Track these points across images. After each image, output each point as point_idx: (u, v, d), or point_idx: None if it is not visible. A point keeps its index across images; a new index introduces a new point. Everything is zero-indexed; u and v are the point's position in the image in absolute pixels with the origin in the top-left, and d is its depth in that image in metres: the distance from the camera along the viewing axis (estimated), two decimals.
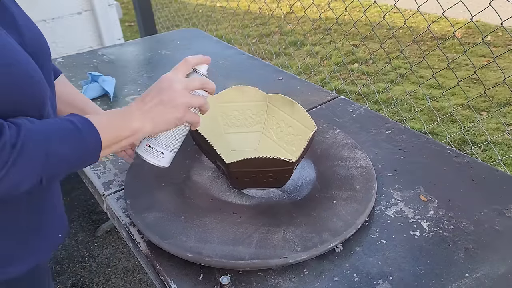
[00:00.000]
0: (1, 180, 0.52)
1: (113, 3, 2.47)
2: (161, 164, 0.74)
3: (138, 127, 0.65)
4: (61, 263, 1.80)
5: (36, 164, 0.55)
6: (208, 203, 0.86)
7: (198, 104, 0.70)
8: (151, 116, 0.66)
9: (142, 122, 0.65)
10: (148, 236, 0.78)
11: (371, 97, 2.92)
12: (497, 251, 0.76)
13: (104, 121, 0.62)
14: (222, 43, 1.85)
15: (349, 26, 4.14)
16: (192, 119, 0.71)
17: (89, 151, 0.60)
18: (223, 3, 5.22)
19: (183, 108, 0.68)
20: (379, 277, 0.72)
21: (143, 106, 0.66)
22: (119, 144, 0.64)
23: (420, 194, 0.90)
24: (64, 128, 0.58)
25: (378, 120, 1.19)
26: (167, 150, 0.73)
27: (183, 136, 0.74)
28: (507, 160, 2.22)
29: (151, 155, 0.73)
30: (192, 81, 0.71)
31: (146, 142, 0.73)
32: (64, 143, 0.57)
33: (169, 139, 0.72)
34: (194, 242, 0.75)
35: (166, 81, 0.69)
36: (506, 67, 3.18)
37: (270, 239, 0.75)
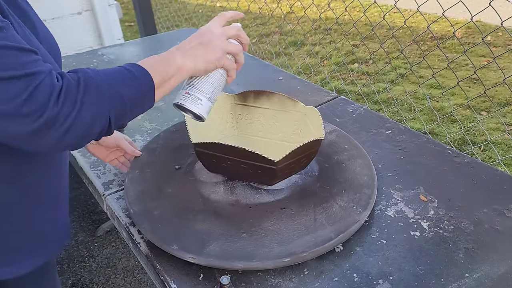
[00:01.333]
0: (74, 123, 0.55)
1: (113, 3, 2.47)
2: (199, 111, 0.73)
3: (181, 63, 0.67)
4: (61, 263, 1.80)
5: (103, 100, 0.58)
6: (208, 203, 0.86)
7: (235, 50, 0.73)
8: (192, 53, 0.69)
9: (184, 59, 0.68)
10: (150, 238, 0.78)
11: (371, 97, 2.91)
12: (497, 251, 0.76)
13: (150, 63, 0.65)
14: None
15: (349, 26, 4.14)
16: (230, 64, 0.73)
17: (145, 90, 0.63)
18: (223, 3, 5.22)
19: (222, 51, 0.71)
20: (379, 277, 0.72)
21: (183, 47, 0.69)
22: (169, 83, 0.67)
23: (420, 194, 0.90)
24: (118, 71, 0.62)
25: (378, 120, 1.19)
26: (205, 97, 0.73)
27: (220, 85, 0.75)
28: (507, 160, 2.22)
29: (190, 101, 0.73)
30: (229, 28, 0.74)
31: (184, 90, 0.74)
32: (122, 83, 0.60)
33: (207, 86, 0.73)
34: (194, 242, 0.75)
35: (205, 28, 0.72)
36: (506, 67, 3.18)
37: (269, 240, 0.75)
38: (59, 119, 0.54)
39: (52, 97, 0.54)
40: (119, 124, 0.63)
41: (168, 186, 0.91)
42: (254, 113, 1.03)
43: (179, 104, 0.74)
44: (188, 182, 0.92)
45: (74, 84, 0.56)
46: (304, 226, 0.78)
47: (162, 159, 0.99)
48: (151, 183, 0.91)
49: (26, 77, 0.53)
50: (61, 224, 0.82)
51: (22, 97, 0.52)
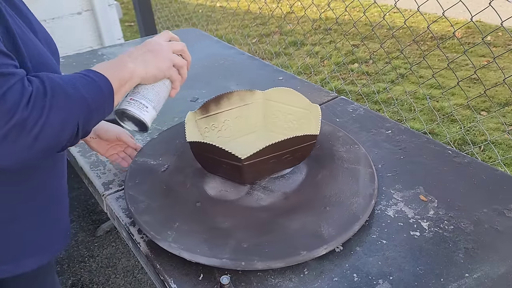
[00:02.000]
0: (43, 128, 0.54)
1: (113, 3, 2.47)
2: (145, 118, 0.73)
3: (132, 68, 0.68)
4: (61, 263, 1.80)
5: (71, 105, 0.58)
6: (208, 204, 0.86)
7: (180, 63, 0.75)
8: (143, 60, 0.70)
9: (135, 64, 0.69)
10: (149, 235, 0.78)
11: (371, 97, 2.91)
12: (497, 251, 0.76)
13: (105, 68, 0.65)
14: (222, 43, 1.85)
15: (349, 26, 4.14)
16: (176, 76, 0.76)
17: (106, 95, 0.63)
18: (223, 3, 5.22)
19: (169, 61, 0.73)
20: (379, 277, 0.72)
21: (132, 55, 0.70)
22: (125, 88, 0.68)
23: (420, 194, 0.90)
24: (79, 77, 0.62)
25: (378, 120, 1.19)
26: (151, 105, 0.74)
27: (164, 96, 0.77)
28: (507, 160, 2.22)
29: (136, 107, 0.72)
30: (176, 43, 0.76)
31: (129, 97, 0.73)
32: (85, 88, 0.60)
33: (153, 94, 0.74)
34: (194, 242, 0.75)
35: (152, 40, 0.74)
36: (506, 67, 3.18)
37: (268, 240, 0.75)
38: (29, 123, 0.53)
39: (23, 101, 0.53)
40: (85, 131, 0.62)
41: (168, 185, 0.91)
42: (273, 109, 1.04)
43: (124, 110, 0.72)
44: (189, 181, 0.92)
45: (42, 89, 0.55)
46: (303, 226, 0.78)
47: (163, 159, 0.99)
48: (151, 183, 0.91)
49: (1, 77, 0.52)
50: (64, 224, 0.82)
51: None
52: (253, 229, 0.79)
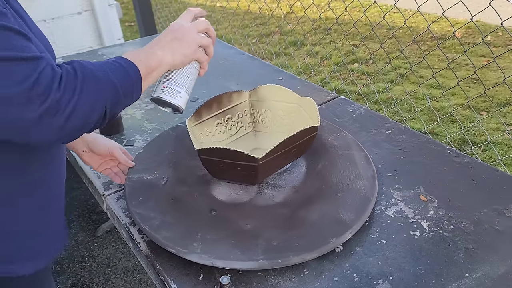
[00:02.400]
0: (75, 109, 0.56)
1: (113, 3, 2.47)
2: (179, 103, 0.77)
3: (161, 56, 0.70)
4: (61, 263, 1.80)
5: (100, 88, 0.60)
6: (223, 210, 0.86)
7: (207, 43, 0.77)
8: (169, 48, 0.72)
9: (163, 52, 0.71)
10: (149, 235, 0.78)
11: (371, 97, 2.91)
12: (497, 251, 0.76)
13: (135, 56, 0.67)
14: (222, 43, 1.85)
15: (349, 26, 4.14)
16: (203, 57, 0.78)
17: (134, 81, 0.65)
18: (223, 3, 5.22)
19: (195, 44, 0.75)
20: (379, 277, 0.72)
21: (159, 43, 0.72)
22: (152, 76, 0.70)
23: (420, 194, 0.90)
24: (108, 63, 0.64)
25: (378, 120, 1.19)
26: (183, 89, 0.77)
27: (194, 77, 0.79)
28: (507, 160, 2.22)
29: (169, 94, 0.76)
30: (199, 23, 0.78)
31: (162, 84, 0.76)
32: (114, 73, 0.62)
33: (184, 79, 0.77)
34: (194, 242, 0.75)
35: (176, 24, 0.75)
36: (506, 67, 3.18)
37: (267, 240, 0.75)
38: (62, 104, 0.55)
39: (54, 83, 0.55)
40: (113, 114, 0.64)
41: (175, 198, 0.91)
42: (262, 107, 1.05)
43: (159, 97, 0.76)
44: (195, 190, 0.92)
45: (72, 72, 0.58)
46: (323, 215, 0.79)
47: (158, 172, 0.99)
48: (157, 198, 0.91)
49: (33, 60, 0.54)
50: (61, 226, 0.82)
51: (31, 79, 0.53)
52: (277, 226, 0.79)
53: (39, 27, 0.73)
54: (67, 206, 2.10)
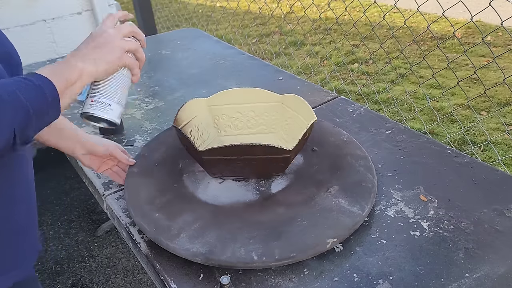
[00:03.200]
0: None
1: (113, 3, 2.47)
2: (111, 117, 0.71)
3: (81, 67, 0.64)
4: (61, 263, 1.80)
5: (4, 111, 0.53)
6: (207, 203, 0.86)
7: (133, 47, 0.72)
8: (91, 57, 0.66)
9: (83, 62, 0.65)
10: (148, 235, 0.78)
11: (371, 97, 2.91)
12: (497, 251, 0.76)
13: (51, 70, 0.61)
14: (222, 43, 1.85)
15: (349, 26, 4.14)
16: (132, 62, 0.72)
17: (49, 99, 0.59)
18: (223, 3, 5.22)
19: (119, 49, 0.69)
20: (379, 277, 0.72)
21: (79, 53, 0.66)
22: (73, 90, 0.63)
23: (420, 194, 0.90)
24: (19, 81, 0.57)
25: (378, 120, 1.19)
26: (113, 101, 0.71)
27: (125, 86, 0.73)
28: (507, 160, 2.22)
29: (98, 108, 0.70)
30: (122, 26, 0.72)
31: (90, 99, 0.71)
32: (26, 93, 0.56)
33: (112, 89, 0.71)
34: (192, 241, 0.75)
35: (97, 30, 0.70)
36: (506, 67, 3.18)
37: (266, 240, 0.75)
38: None
39: None
40: (26, 137, 0.58)
41: (168, 185, 0.91)
42: (231, 111, 1.03)
43: (87, 113, 0.70)
44: (189, 181, 0.92)
45: None
46: (303, 226, 0.78)
47: (163, 159, 0.99)
48: (152, 183, 0.91)
49: None
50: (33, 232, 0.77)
51: None
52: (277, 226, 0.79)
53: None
54: (67, 206, 2.10)
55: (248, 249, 0.73)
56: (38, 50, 2.25)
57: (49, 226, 1.99)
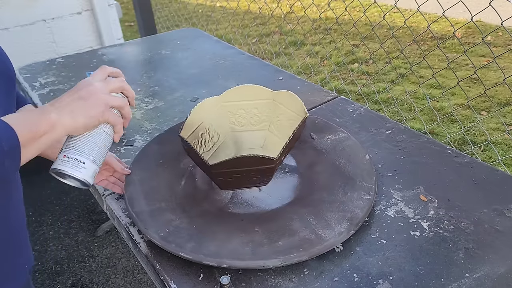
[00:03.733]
0: None
1: (113, 3, 2.47)
2: (82, 177, 0.65)
3: (55, 119, 0.59)
4: (61, 263, 1.80)
5: None
6: (207, 203, 0.86)
7: (119, 104, 0.66)
8: (70, 109, 0.61)
9: (60, 115, 0.60)
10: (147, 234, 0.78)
11: (371, 97, 2.91)
12: (497, 251, 0.76)
13: (19, 118, 0.57)
14: (222, 43, 1.85)
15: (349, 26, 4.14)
16: (115, 119, 0.67)
17: (5, 151, 0.53)
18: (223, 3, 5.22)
19: (104, 104, 0.64)
20: (379, 277, 0.72)
21: (59, 102, 0.61)
22: (40, 141, 0.58)
23: (420, 194, 0.90)
24: None
25: (378, 120, 1.19)
26: (88, 159, 0.65)
27: (105, 144, 0.68)
28: (507, 160, 2.22)
29: (70, 166, 0.64)
30: (112, 81, 0.67)
31: (63, 154, 0.65)
32: None
33: (89, 146, 0.65)
34: (192, 241, 0.75)
35: (84, 82, 0.65)
36: (506, 67, 3.18)
37: (266, 240, 0.75)
38: None
39: None
40: None
41: (168, 185, 0.91)
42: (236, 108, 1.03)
43: (57, 170, 0.64)
44: (188, 182, 0.92)
45: None
46: (303, 226, 0.78)
47: (162, 159, 0.99)
48: (151, 183, 0.91)
49: None
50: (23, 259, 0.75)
51: None
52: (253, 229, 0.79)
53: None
54: (67, 206, 2.10)
55: (248, 249, 0.73)
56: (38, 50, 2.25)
57: (49, 226, 1.99)
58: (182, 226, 0.79)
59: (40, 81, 1.51)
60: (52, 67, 1.63)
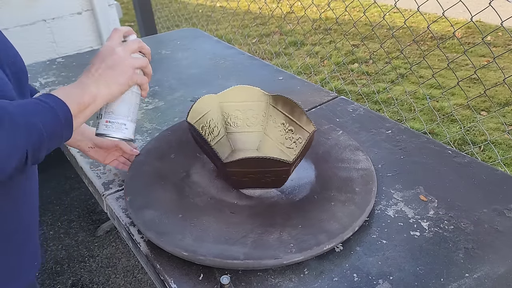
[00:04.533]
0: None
1: (113, 3, 2.47)
2: (126, 136, 0.74)
3: (95, 91, 0.66)
4: (61, 263, 1.80)
5: (18, 133, 0.55)
6: (206, 202, 0.86)
7: (142, 64, 0.73)
8: (103, 80, 0.68)
9: (97, 86, 0.67)
10: (146, 234, 0.78)
11: (371, 97, 2.92)
12: (497, 251, 0.76)
13: (66, 93, 0.63)
14: (222, 43, 1.85)
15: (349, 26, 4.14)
16: (141, 80, 0.74)
17: (62, 121, 0.61)
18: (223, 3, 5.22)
19: (130, 69, 0.71)
20: (379, 277, 0.72)
21: (92, 75, 0.68)
22: (86, 112, 0.65)
23: (420, 194, 0.90)
24: (34, 102, 0.59)
25: (378, 120, 1.19)
26: (128, 120, 0.74)
27: (136, 103, 0.76)
28: (507, 160, 2.22)
29: (114, 129, 0.73)
30: (130, 44, 0.73)
31: (104, 119, 0.73)
32: (39, 115, 0.58)
33: (125, 109, 0.73)
34: (191, 240, 0.75)
35: (106, 49, 0.71)
36: (506, 67, 3.18)
37: (266, 240, 0.75)
38: None
39: None
40: (36, 158, 0.59)
41: (168, 184, 0.91)
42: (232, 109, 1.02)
43: (103, 134, 0.73)
44: (188, 181, 0.92)
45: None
46: (303, 226, 0.78)
47: (162, 159, 0.99)
48: (151, 181, 0.91)
49: None
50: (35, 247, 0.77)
51: None
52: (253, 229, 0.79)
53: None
54: (67, 206, 2.10)
55: (249, 249, 0.73)
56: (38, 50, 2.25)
57: (49, 226, 1.99)
58: (182, 226, 0.79)
59: (40, 81, 1.51)
60: (52, 67, 1.63)
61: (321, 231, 0.77)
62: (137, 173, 0.94)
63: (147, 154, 1.00)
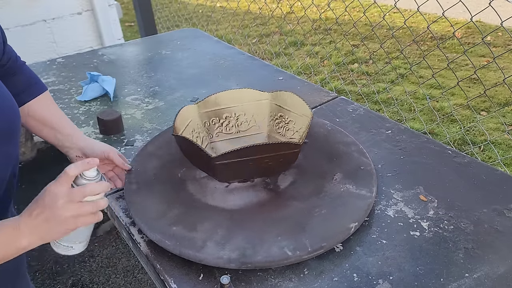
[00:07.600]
0: None
1: (113, 3, 2.47)
2: (73, 253, 0.72)
3: (25, 245, 0.62)
4: (61, 263, 1.80)
5: None
6: (206, 202, 0.86)
7: (87, 212, 0.64)
8: (39, 232, 0.62)
9: (29, 240, 0.62)
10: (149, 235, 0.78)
11: (371, 97, 2.92)
12: (497, 251, 0.76)
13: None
14: (222, 43, 1.85)
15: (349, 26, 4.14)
16: (87, 221, 0.65)
17: None
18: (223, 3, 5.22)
19: (72, 220, 0.63)
20: (379, 277, 0.72)
21: (31, 221, 0.62)
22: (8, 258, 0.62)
23: (420, 194, 0.90)
24: None
25: (378, 120, 1.19)
26: (75, 243, 0.71)
27: (88, 228, 0.72)
28: (507, 160, 2.22)
29: (61, 249, 0.70)
30: (75, 193, 0.64)
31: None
32: None
33: (73, 235, 0.68)
34: (192, 241, 0.75)
35: (49, 197, 0.63)
36: (506, 67, 3.18)
37: (266, 240, 0.75)
38: None
39: None
40: None
41: (167, 184, 0.91)
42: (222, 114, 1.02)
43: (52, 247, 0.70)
44: (194, 189, 0.92)
45: None
46: (303, 225, 0.78)
47: (163, 159, 0.99)
48: (151, 183, 0.91)
49: None
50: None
51: None
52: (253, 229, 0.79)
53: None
54: None
55: (280, 245, 0.73)
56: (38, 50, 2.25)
57: None
58: (183, 226, 0.79)
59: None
60: (52, 67, 1.63)
61: (321, 231, 0.77)
62: (137, 173, 0.94)
63: (147, 154, 1.00)
